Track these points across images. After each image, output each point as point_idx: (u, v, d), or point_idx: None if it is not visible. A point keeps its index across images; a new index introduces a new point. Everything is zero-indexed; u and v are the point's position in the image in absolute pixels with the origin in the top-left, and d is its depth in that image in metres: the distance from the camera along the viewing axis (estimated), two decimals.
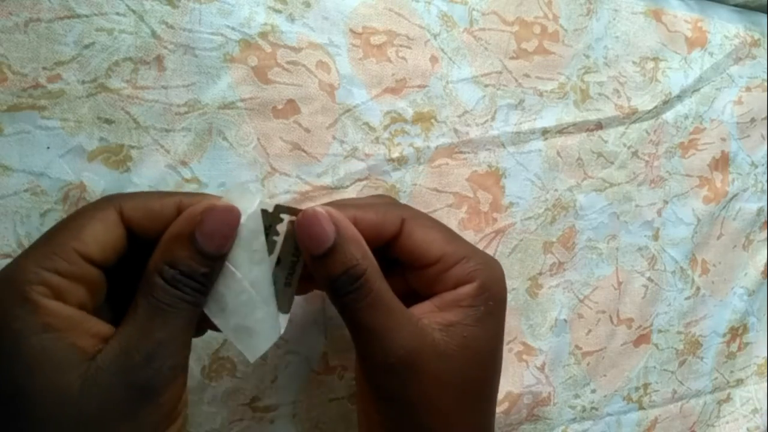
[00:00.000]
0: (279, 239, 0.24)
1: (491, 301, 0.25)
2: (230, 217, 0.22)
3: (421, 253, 0.25)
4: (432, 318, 0.24)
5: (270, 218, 0.24)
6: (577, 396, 0.40)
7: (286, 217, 0.24)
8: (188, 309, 0.22)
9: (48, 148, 0.27)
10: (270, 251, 0.24)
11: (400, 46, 0.33)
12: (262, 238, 0.23)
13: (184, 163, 0.29)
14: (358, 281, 0.23)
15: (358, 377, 0.25)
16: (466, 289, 0.25)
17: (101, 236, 0.21)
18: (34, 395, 0.20)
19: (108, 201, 0.22)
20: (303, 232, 0.23)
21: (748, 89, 0.44)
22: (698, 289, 0.43)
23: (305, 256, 0.24)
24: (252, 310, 0.23)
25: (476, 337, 0.24)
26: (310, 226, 0.23)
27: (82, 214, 0.22)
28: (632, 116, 0.40)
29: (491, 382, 0.26)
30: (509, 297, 0.37)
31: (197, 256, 0.21)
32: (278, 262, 0.24)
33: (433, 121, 0.34)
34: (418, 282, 0.26)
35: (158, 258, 0.21)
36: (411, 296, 0.26)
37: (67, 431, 0.20)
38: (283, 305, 0.24)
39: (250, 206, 0.23)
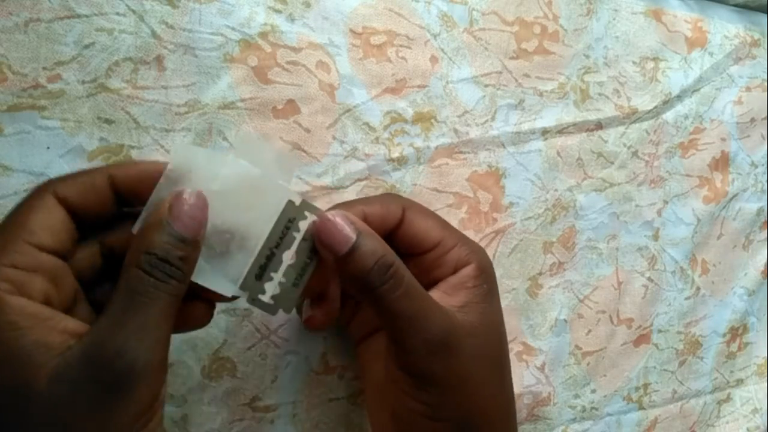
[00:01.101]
0: (299, 236, 0.24)
1: (489, 279, 0.27)
2: (201, 202, 0.22)
3: (421, 238, 0.27)
4: (446, 302, 0.26)
5: (295, 211, 0.24)
6: (577, 396, 0.40)
7: (309, 216, 0.24)
8: (164, 298, 0.21)
9: (48, 148, 0.27)
10: (287, 246, 0.24)
11: (400, 46, 0.33)
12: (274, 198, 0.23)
13: None
14: (389, 271, 0.24)
15: (391, 371, 0.25)
16: (467, 271, 0.26)
17: (45, 222, 0.21)
18: (4, 396, 0.19)
19: (40, 188, 0.22)
20: (324, 234, 0.24)
21: (748, 89, 0.44)
22: (698, 289, 0.43)
23: (328, 260, 0.24)
24: (229, 248, 0.23)
25: (488, 312, 0.26)
26: (329, 228, 0.24)
27: (20, 208, 0.22)
28: (632, 116, 0.40)
29: (507, 353, 0.28)
30: (509, 297, 0.37)
31: (172, 239, 0.21)
32: (293, 258, 0.24)
33: (433, 121, 0.34)
34: (418, 268, 0.27)
35: (133, 249, 0.21)
36: None
37: (37, 428, 0.19)
38: (286, 304, 0.24)
39: (264, 157, 0.23)
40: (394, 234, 0.27)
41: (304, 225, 0.24)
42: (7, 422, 0.19)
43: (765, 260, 0.46)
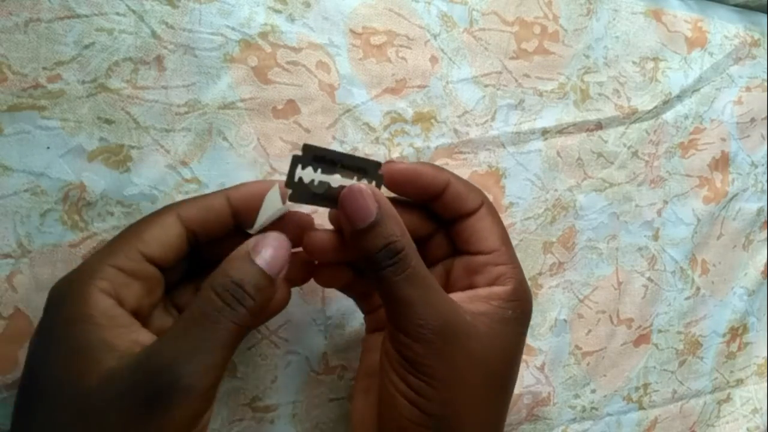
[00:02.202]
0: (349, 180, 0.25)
1: (519, 309, 0.26)
2: (285, 244, 0.24)
3: (482, 238, 0.27)
4: (463, 304, 0.25)
5: (372, 168, 0.26)
6: (577, 396, 0.40)
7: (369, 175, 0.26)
8: (226, 324, 0.21)
9: (48, 148, 0.27)
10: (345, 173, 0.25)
11: (400, 46, 0.33)
12: None
13: (184, 163, 0.29)
14: (397, 255, 0.24)
15: (388, 352, 0.25)
16: (498, 290, 0.26)
17: (161, 236, 0.23)
18: (57, 379, 0.20)
19: (167, 207, 0.24)
20: (348, 205, 0.24)
21: (748, 89, 0.44)
22: (698, 289, 0.43)
23: (347, 229, 0.25)
24: None
25: (500, 332, 0.26)
26: (355, 200, 0.24)
27: (144, 219, 0.24)
28: (632, 116, 0.40)
29: (510, 381, 0.27)
30: None
31: (253, 269, 0.22)
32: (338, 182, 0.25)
33: (433, 121, 0.34)
34: (464, 267, 0.27)
35: (216, 272, 0.22)
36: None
37: (75, 422, 0.20)
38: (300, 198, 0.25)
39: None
40: (459, 222, 0.27)
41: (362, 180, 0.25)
42: (53, 408, 0.20)
43: (765, 260, 0.46)
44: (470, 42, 0.35)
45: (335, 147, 0.32)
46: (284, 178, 0.24)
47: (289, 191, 0.24)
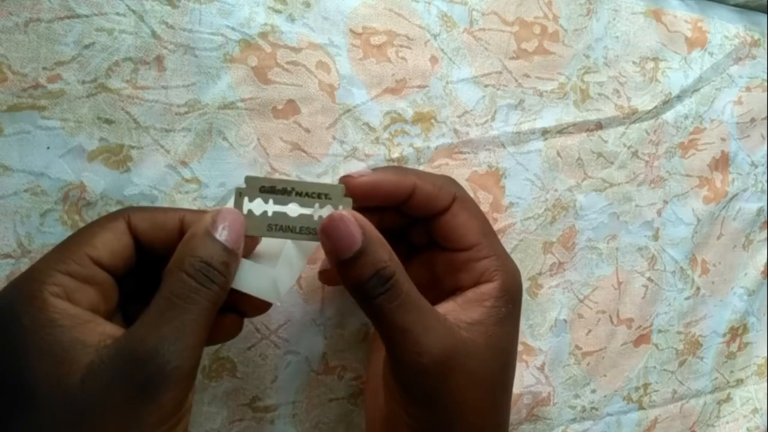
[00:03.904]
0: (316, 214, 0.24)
1: (511, 303, 0.26)
2: (239, 217, 0.23)
3: (459, 235, 0.26)
4: (456, 316, 0.25)
5: (334, 193, 0.25)
6: (577, 396, 0.40)
7: (334, 204, 0.24)
8: (202, 303, 0.21)
9: (48, 148, 0.27)
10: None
11: (400, 46, 0.33)
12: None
13: (184, 163, 0.29)
14: (388, 282, 0.23)
15: (386, 378, 0.25)
16: (488, 288, 0.25)
17: (110, 243, 0.22)
18: (37, 386, 0.20)
19: (118, 212, 0.24)
20: (331, 235, 0.23)
21: (748, 89, 0.44)
22: (698, 289, 0.43)
23: (331, 261, 0.24)
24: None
25: (499, 336, 0.25)
26: (337, 229, 0.23)
27: (94, 224, 0.23)
28: (632, 116, 0.40)
29: (510, 379, 0.27)
30: None
31: (216, 246, 0.22)
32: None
33: (433, 121, 0.34)
34: (447, 265, 0.27)
35: (177, 255, 0.22)
36: (430, 287, 0.27)
37: (65, 423, 0.20)
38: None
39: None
40: (434, 220, 0.27)
41: (326, 210, 0.24)
42: (40, 415, 0.20)
43: (765, 260, 0.46)
44: (470, 42, 0.35)
45: (335, 147, 0.32)
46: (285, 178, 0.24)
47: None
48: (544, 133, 0.37)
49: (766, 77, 0.44)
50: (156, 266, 0.23)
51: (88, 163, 0.28)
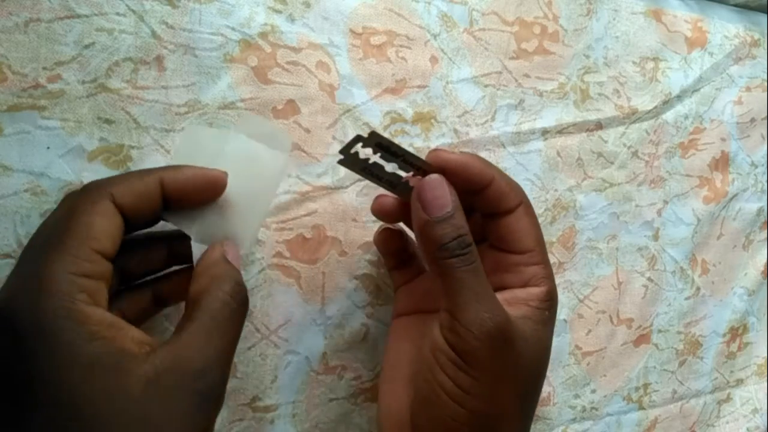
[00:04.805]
0: (403, 171, 0.26)
1: (553, 310, 0.27)
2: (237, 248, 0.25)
3: (517, 238, 0.27)
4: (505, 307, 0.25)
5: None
6: (577, 396, 0.40)
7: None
8: (241, 322, 0.23)
9: (48, 148, 0.27)
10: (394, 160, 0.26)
11: (400, 46, 0.33)
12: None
13: None
14: (468, 247, 0.24)
15: (437, 347, 0.25)
16: (536, 291, 0.26)
17: (107, 229, 0.22)
18: (97, 400, 0.20)
19: (98, 191, 0.23)
20: (427, 194, 0.25)
21: (748, 89, 0.44)
22: (698, 289, 0.43)
23: (419, 217, 0.25)
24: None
25: (542, 334, 0.26)
26: (434, 189, 0.25)
27: (80, 211, 0.22)
28: (632, 116, 0.40)
29: (542, 381, 0.28)
30: None
31: (236, 269, 0.24)
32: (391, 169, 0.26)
33: (433, 121, 0.34)
34: (491, 264, 0.27)
35: (208, 278, 0.23)
36: None
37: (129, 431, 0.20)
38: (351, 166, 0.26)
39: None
40: (496, 220, 0.27)
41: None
42: (106, 425, 0.20)
43: (765, 260, 0.46)
44: (470, 42, 0.35)
45: (335, 147, 0.32)
46: (285, 178, 0.24)
47: (341, 157, 0.25)
48: (544, 133, 0.37)
49: (766, 77, 0.44)
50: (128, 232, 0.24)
51: (88, 163, 0.28)
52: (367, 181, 0.33)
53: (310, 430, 0.33)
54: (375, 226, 0.33)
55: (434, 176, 0.25)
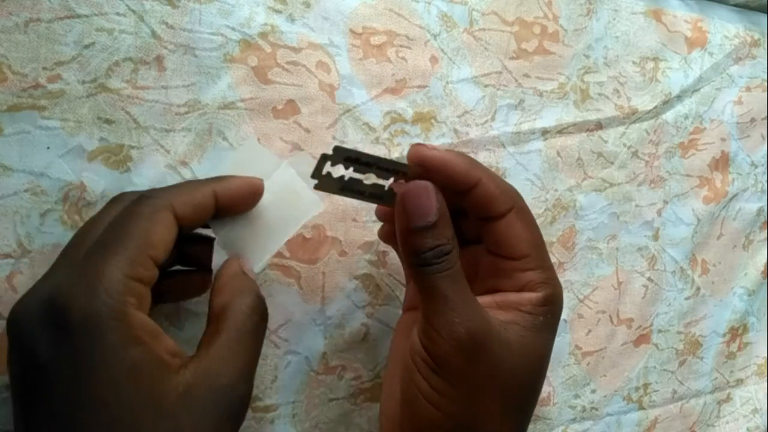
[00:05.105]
0: (386, 179, 0.26)
1: (549, 314, 0.26)
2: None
3: (510, 245, 0.26)
4: (492, 312, 0.25)
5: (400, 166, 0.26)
6: (577, 396, 0.40)
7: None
8: (262, 336, 0.24)
9: (48, 148, 0.27)
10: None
11: (400, 46, 0.33)
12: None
13: (184, 163, 0.29)
14: (445, 257, 0.24)
15: (415, 349, 0.25)
16: (530, 297, 0.26)
17: (165, 238, 0.22)
18: (134, 405, 0.20)
19: (160, 200, 0.23)
20: (411, 202, 0.24)
21: (748, 89, 0.44)
22: (698, 289, 0.43)
23: (400, 223, 0.25)
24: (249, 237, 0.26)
25: (531, 341, 0.25)
26: (419, 197, 0.24)
27: (143, 217, 0.22)
28: (632, 116, 0.40)
29: (538, 389, 0.27)
30: None
31: (255, 283, 0.25)
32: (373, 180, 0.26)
33: (433, 121, 0.34)
34: (487, 266, 0.27)
35: (230, 292, 0.24)
36: (469, 281, 0.27)
37: None
38: (328, 189, 0.26)
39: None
40: (489, 225, 0.26)
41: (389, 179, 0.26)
42: (137, 427, 0.20)
43: (765, 260, 0.46)
44: (470, 42, 0.35)
45: None
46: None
47: (315, 182, 0.25)
48: (544, 133, 0.37)
49: (766, 77, 0.44)
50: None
51: (88, 163, 0.28)
52: None
53: (310, 430, 0.33)
54: (375, 226, 0.33)
55: (419, 183, 0.24)
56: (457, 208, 0.26)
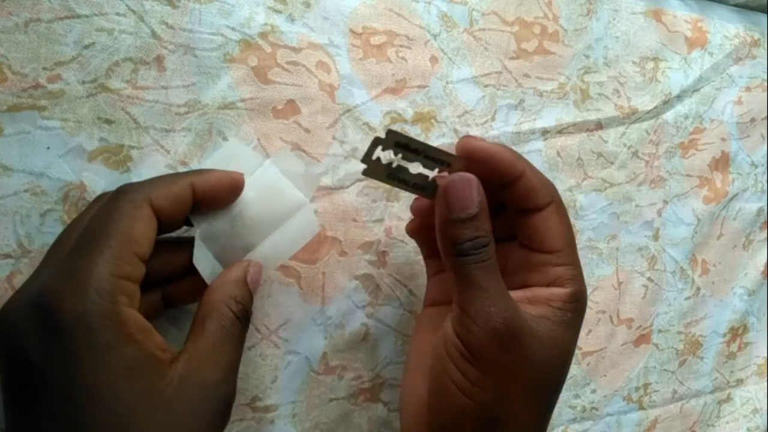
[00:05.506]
0: (432, 168, 0.26)
1: (576, 312, 0.26)
2: (260, 268, 0.26)
3: (545, 238, 0.26)
4: (523, 306, 0.25)
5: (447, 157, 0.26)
6: (577, 396, 0.40)
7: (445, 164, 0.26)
8: (243, 339, 0.25)
9: (48, 148, 0.27)
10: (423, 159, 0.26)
11: (400, 46, 0.33)
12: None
13: (184, 164, 0.29)
14: (482, 248, 0.24)
15: (449, 339, 0.25)
16: (559, 292, 0.26)
17: (147, 233, 0.23)
18: (133, 401, 0.21)
19: (139, 194, 0.23)
20: (453, 193, 0.25)
21: (748, 89, 0.44)
22: (698, 289, 0.43)
23: (441, 215, 0.25)
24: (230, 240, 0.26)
25: (561, 335, 0.26)
26: (461, 189, 0.25)
27: (123, 213, 0.22)
28: (632, 116, 0.40)
29: (562, 382, 0.27)
30: None
31: (247, 291, 0.25)
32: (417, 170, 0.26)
33: (433, 121, 0.34)
34: (517, 261, 0.27)
35: (224, 294, 0.24)
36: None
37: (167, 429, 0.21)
38: (376, 175, 0.26)
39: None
40: (524, 217, 0.27)
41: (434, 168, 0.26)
42: (137, 426, 0.21)
43: (765, 260, 0.46)
44: (470, 42, 0.35)
45: (335, 147, 0.32)
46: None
47: (364, 167, 0.25)
48: (544, 133, 0.37)
49: (766, 77, 0.44)
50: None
51: (88, 163, 0.28)
52: (367, 182, 0.33)
53: (310, 430, 0.33)
54: (375, 226, 0.33)
55: (463, 175, 0.25)
56: (491, 204, 0.27)
